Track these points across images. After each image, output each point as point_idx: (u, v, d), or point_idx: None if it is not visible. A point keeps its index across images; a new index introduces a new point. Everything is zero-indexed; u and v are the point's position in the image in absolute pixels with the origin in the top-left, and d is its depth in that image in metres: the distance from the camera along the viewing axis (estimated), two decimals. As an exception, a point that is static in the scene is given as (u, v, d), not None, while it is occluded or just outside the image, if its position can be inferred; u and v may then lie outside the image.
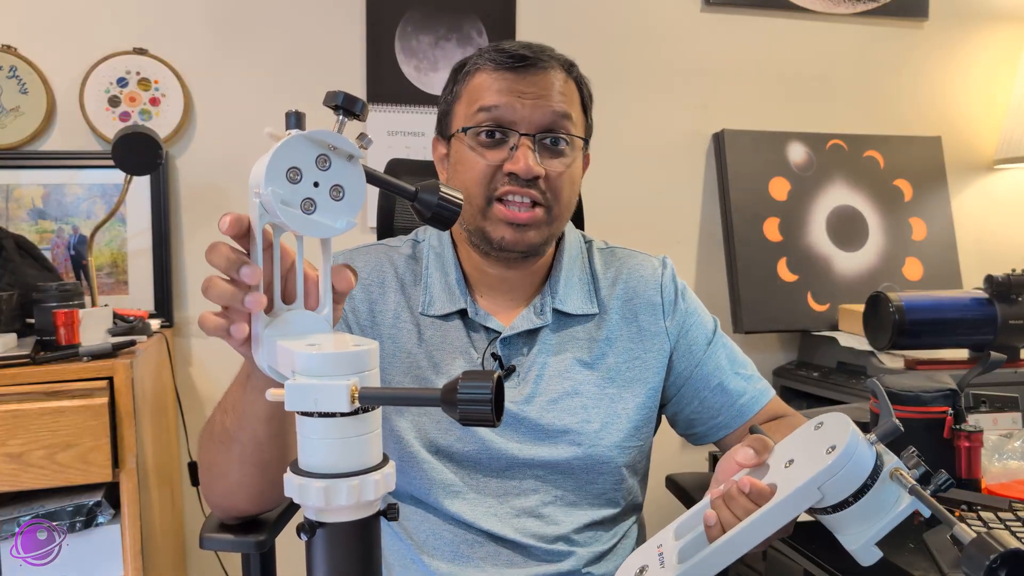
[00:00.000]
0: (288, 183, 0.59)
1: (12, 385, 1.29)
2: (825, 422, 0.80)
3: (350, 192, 0.61)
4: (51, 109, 1.78)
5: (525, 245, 1.02)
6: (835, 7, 2.22)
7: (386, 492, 0.55)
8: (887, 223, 2.20)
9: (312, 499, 0.53)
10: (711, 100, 2.17)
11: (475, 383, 0.51)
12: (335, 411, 0.53)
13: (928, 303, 1.63)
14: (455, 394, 0.51)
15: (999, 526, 0.96)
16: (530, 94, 1.00)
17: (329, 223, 0.61)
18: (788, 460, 0.80)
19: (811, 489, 0.74)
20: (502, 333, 1.04)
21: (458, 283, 1.06)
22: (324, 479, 0.53)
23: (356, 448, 0.54)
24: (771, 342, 2.21)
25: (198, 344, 1.88)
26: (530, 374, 1.04)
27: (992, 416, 1.33)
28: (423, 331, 1.05)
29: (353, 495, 0.53)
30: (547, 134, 1.01)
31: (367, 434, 0.54)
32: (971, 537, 0.65)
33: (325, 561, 0.55)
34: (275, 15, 1.90)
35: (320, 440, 0.54)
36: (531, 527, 1.00)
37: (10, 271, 1.51)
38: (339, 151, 0.60)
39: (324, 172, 0.60)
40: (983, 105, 2.35)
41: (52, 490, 1.33)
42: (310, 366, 0.54)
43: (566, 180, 1.03)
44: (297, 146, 0.59)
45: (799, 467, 0.77)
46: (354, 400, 0.52)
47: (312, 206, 0.60)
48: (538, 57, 1.02)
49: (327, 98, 0.61)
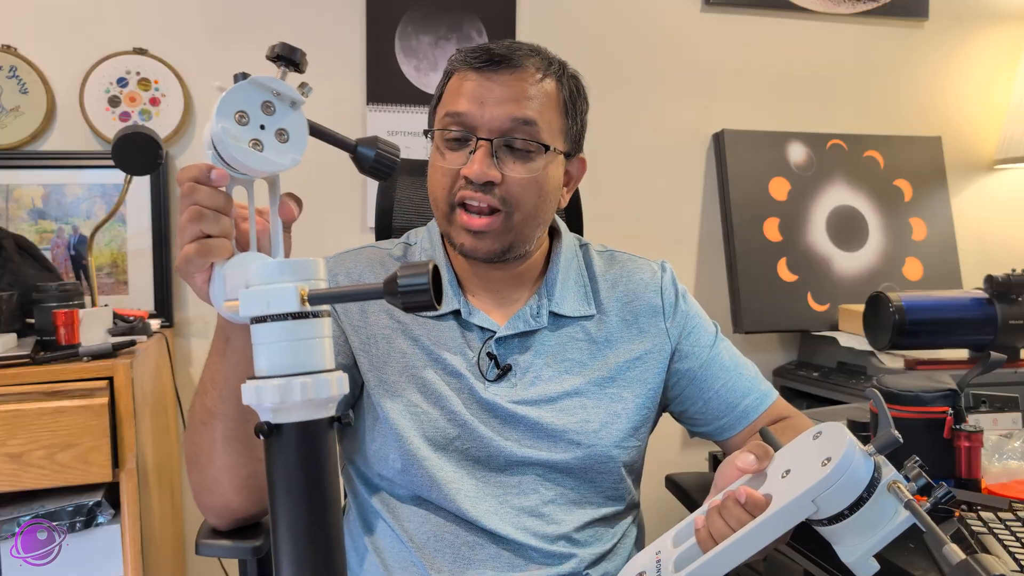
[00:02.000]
0: (236, 124, 0.66)
1: (12, 385, 1.29)
2: (824, 432, 0.79)
3: (294, 136, 0.68)
4: (51, 109, 1.78)
5: (484, 253, 1.01)
6: (835, 7, 2.22)
7: (339, 394, 0.58)
8: (887, 223, 2.20)
9: (268, 398, 0.56)
10: (711, 100, 2.17)
11: (413, 272, 0.55)
12: (286, 312, 0.56)
13: (928, 303, 1.63)
14: (395, 285, 0.55)
15: (999, 526, 0.96)
16: (493, 98, 0.99)
17: (275, 159, 0.67)
18: (785, 470, 0.79)
19: (805, 502, 0.73)
20: (496, 332, 1.05)
21: (451, 283, 1.07)
22: (279, 378, 0.56)
23: (308, 350, 0.57)
24: (771, 342, 2.21)
25: (198, 344, 1.88)
26: (528, 375, 1.04)
27: (992, 416, 1.33)
28: (417, 330, 1.05)
29: (308, 391, 0.56)
30: (509, 138, 0.99)
31: (318, 338, 0.58)
32: (958, 559, 0.64)
33: (282, 461, 0.57)
34: (275, 15, 1.90)
35: (274, 344, 0.57)
36: (532, 526, 1.00)
37: (10, 271, 1.51)
38: (283, 97, 0.68)
39: (269, 117, 0.68)
40: (983, 105, 2.35)
41: (52, 490, 1.33)
42: (262, 275, 0.58)
43: (529, 186, 1.00)
44: (243, 91, 0.67)
45: (795, 478, 0.76)
46: (304, 301, 0.56)
47: (259, 145, 0.67)
48: (510, 56, 1.00)
49: (268, 51, 0.68)
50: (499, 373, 1.04)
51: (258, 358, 0.58)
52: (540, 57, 1.03)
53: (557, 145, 1.03)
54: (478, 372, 1.03)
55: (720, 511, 0.80)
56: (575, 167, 1.10)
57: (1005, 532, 0.95)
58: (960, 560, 0.64)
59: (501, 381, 1.03)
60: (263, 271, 0.58)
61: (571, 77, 1.06)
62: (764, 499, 0.77)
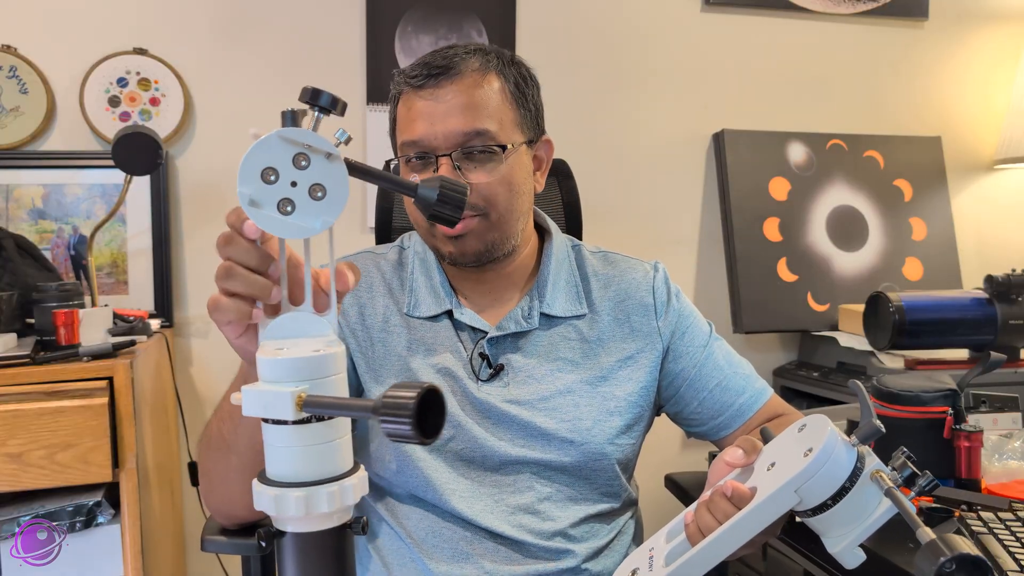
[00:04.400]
0: (264, 184, 0.57)
1: (12, 385, 1.29)
2: (808, 424, 0.80)
3: (331, 191, 0.58)
4: (51, 109, 1.78)
5: (470, 256, 1.03)
6: (835, 7, 2.22)
7: (345, 505, 0.53)
8: (887, 223, 2.20)
9: (265, 507, 0.52)
10: (711, 100, 2.17)
11: (398, 396, 0.46)
12: (283, 419, 0.51)
13: (928, 303, 1.63)
14: (381, 407, 0.47)
15: (999, 526, 0.96)
16: (439, 115, 0.99)
17: (304, 224, 0.58)
18: (771, 463, 0.80)
19: (788, 492, 0.74)
20: (488, 333, 1.05)
21: (442, 285, 1.08)
22: (276, 488, 0.52)
23: (309, 457, 0.52)
24: (771, 342, 2.21)
25: (198, 344, 1.88)
26: (521, 374, 1.05)
27: (992, 416, 1.33)
28: (412, 333, 1.06)
29: (302, 506, 0.51)
30: (467, 148, 0.99)
31: (323, 443, 0.53)
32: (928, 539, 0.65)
33: (290, 570, 0.53)
34: (275, 15, 1.90)
35: (276, 447, 0.53)
36: (528, 523, 1.01)
37: (10, 271, 1.51)
38: (316, 150, 0.58)
39: (303, 172, 0.58)
40: (983, 105, 2.35)
41: (52, 490, 1.33)
42: (264, 371, 0.53)
43: (498, 186, 1.01)
44: (271, 146, 0.57)
45: (779, 470, 0.77)
46: (299, 408, 0.51)
47: (290, 206, 0.57)
48: (448, 65, 1.00)
49: (301, 94, 0.58)
50: (492, 373, 1.04)
51: (267, 458, 0.54)
52: (478, 56, 1.03)
53: (515, 139, 1.03)
54: (471, 372, 1.04)
55: (708, 505, 0.81)
56: (542, 150, 1.11)
57: (1005, 532, 0.95)
58: (928, 540, 0.64)
59: (494, 381, 1.04)
60: (265, 368, 0.53)
61: (514, 65, 1.06)
62: (749, 491, 0.78)
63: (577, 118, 2.07)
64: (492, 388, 1.04)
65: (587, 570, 1.02)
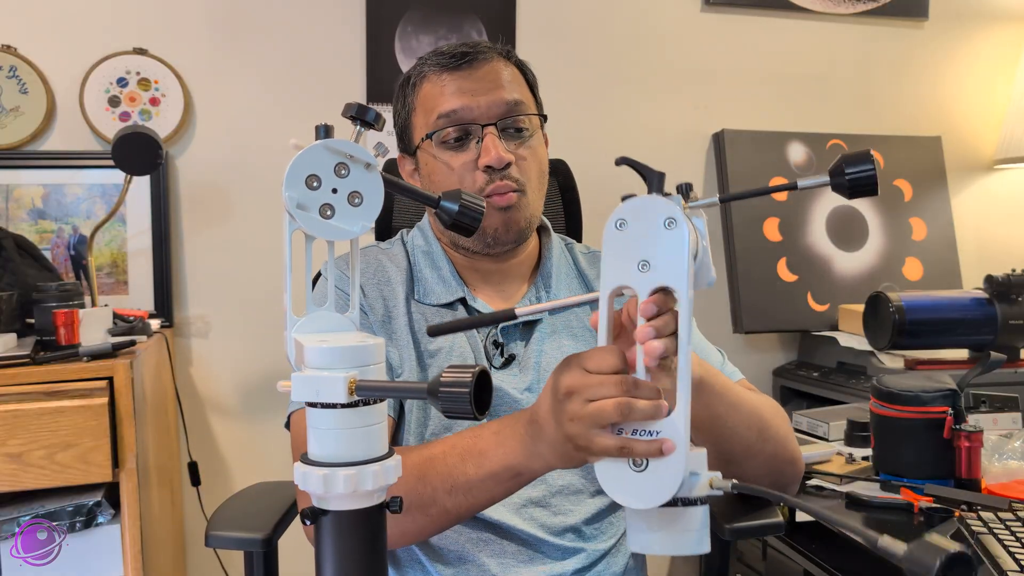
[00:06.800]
0: (307, 189, 0.63)
1: (12, 385, 1.29)
2: (626, 219, 0.75)
3: (368, 198, 0.64)
4: (51, 109, 1.78)
5: (513, 233, 1.04)
6: (835, 7, 2.22)
7: (386, 484, 0.57)
8: (887, 223, 2.20)
9: (313, 486, 0.56)
10: (711, 100, 2.17)
11: (456, 376, 0.54)
12: (334, 402, 0.56)
13: (928, 303, 1.63)
14: (438, 387, 0.54)
15: (999, 526, 0.96)
16: (481, 88, 1.03)
17: (344, 227, 0.64)
18: (642, 262, 0.73)
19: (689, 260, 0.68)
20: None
21: (452, 275, 1.09)
22: (324, 467, 0.56)
23: (355, 439, 0.57)
24: (771, 342, 2.21)
25: (198, 344, 1.88)
26: (530, 361, 1.06)
27: (992, 416, 1.34)
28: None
29: (351, 484, 0.56)
30: (508, 120, 1.03)
31: (367, 426, 0.57)
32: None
33: (329, 548, 0.57)
34: (275, 15, 1.90)
35: (322, 430, 0.57)
36: (539, 516, 1.01)
37: (10, 271, 1.51)
38: (356, 160, 0.64)
39: (343, 180, 0.64)
40: (983, 105, 2.35)
41: (52, 490, 1.33)
42: (313, 359, 0.57)
43: (533, 163, 1.05)
44: (316, 155, 0.63)
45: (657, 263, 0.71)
46: (352, 392, 0.55)
47: (330, 211, 0.63)
48: (477, 51, 1.04)
49: (345, 110, 0.65)
50: (504, 360, 1.06)
51: (309, 439, 0.58)
52: (496, 48, 1.08)
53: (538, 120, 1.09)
54: (485, 359, 1.06)
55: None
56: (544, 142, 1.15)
57: (1005, 532, 0.95)
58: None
59: (506, 368, 1.05)
60: (315, 356, 0.57)
61: (521, 60, 1.12)
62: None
63: (577, 118, 2.07)
64: (505, 375, 1.05)
65: (597, 573, 1.02)
